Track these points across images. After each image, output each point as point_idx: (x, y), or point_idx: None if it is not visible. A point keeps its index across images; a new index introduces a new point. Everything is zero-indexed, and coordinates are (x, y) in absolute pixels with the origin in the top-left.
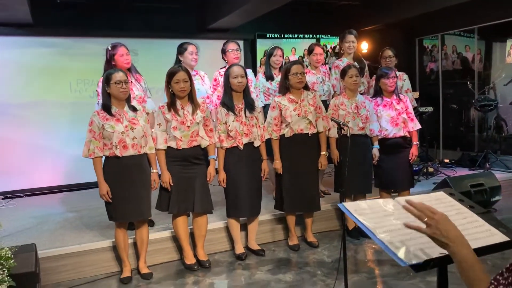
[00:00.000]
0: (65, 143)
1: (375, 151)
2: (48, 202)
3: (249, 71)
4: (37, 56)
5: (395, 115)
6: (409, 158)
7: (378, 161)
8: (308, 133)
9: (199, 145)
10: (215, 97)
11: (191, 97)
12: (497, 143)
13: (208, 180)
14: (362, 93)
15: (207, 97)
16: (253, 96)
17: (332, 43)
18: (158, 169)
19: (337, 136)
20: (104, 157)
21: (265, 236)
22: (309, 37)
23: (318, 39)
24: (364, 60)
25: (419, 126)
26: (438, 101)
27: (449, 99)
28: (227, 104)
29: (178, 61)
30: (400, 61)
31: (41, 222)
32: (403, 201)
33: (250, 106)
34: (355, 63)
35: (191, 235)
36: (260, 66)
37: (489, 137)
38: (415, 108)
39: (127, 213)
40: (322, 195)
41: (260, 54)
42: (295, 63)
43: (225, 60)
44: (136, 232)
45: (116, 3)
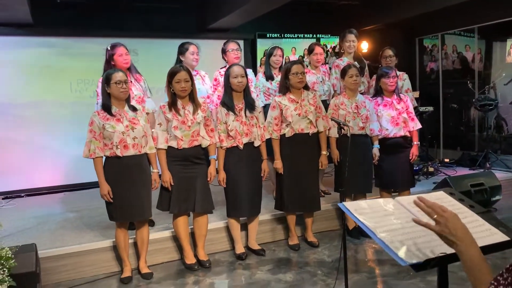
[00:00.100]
0: (65, 143)
1: (375, 150)
2: (48, 202)
3: (249, 71)
4: (37, 56)
5: (395, 115)
6: (410, 158)
7: (378, 161)
8: (308, 133)
9: (200, 145)
10: (216, 97)
11: (192, 96)
12: (497, 143)
13: (208, 180)
14: (362, 93)
15: (208, 97)
16: (253, 96)
17: (332, 42)
18: (158, 169)
19: (337, 135)
20: (104, 157)
21: (265, 235)
22: (309, 37)
23: (318, 38)
24: (364, 59)
25: (419, 125)
26: (438, 101)
27: (449, 99)
28: (227, 103)
29: (179, 61)
30: (400, 60)
31: (42, 222)
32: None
33: (250, 106)
34: (356, 62)
35: (192, 235)
36: (260, 66)
37: (489, 137)
38: (415, 107)
39: (128, 213)
40: (322, 194)
41: (260, 54)
42: (295, 62)
43: (225, 60)
44: (136, 232)
45: (116, 3)
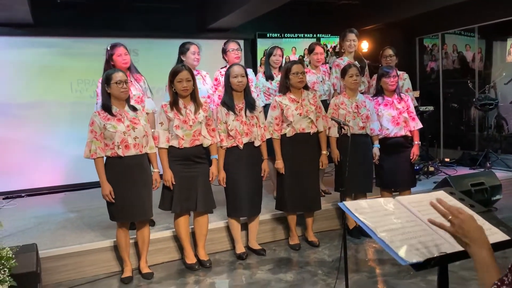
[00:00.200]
0: (66, 143)
1: (376, 150)
2: (49, 202)
3: (249, 71)
4: (37, 56)
5: (396, 114)
6: (411, 157)
7: (379, 161)
8: (309, 132)
9: (201, 144)
10: (216, 97)
11: (193, 96)
12: (498, 142)
13: (210, 179)
14: (362, 93)
15: (208, 97)
16: (253, 95)
17: (332, 42)
18: (159, 169)
19: (337, 135)
20: (105, 158)
21: (265, 235)
22: (309, 37)
23: (318, 38)
24: (364, 59)
25: (420, 125)
26: (438, 100)
27: (449, 98)
28: (227, 103)
29: (180, 61)
30: (400, 60)
31: (42, 222)
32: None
33: (250, 105)
34: (356, 62)
35: (192, 234)
36: (260, 65)
37: (490, 136)
38: (416, 107)
39: (129, 213)
40: (322, 194)
41: (260, 53)
42: (295, 62)
43: (225, 60)
44: (137, 232)
45: (116, 3)
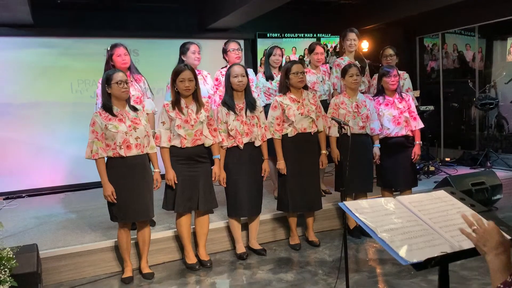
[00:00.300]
0: (66, 143)
1: (376, 150)
2: (49, 202)
3: (250, 71)
4: (37, 56)
5: (397, 114)
6: (412, 157)
7: (380, 161)
8: (310, 132)
9: (203, 144)
10: (217, 97)
11: (195, 96)
12: (498, 142)
13: (213, 179)
14: (363, 92)
15: (209, 97)
16: (254, 95)
17: (332, 42)
18: (160, 169)
19: (337, 135)
20: (106, 158)
21: (266, 235)
22: (310, 36)
23: (318, 38)
24: (365, 59)
25: (422, 125)
26: (439, 100)
27: (450, 98)
28: (228, 103)
29: (181, 61)
30: (400, 60)
31: (43, 222)
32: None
33: (251, 105)
34: (356, 62)
35: (193, 234)
36: (260, 65)
37: (490, 136)
38: (416, 107)
39: (132, 213)
40: (323, 194)
41: (260, 53)
42: (295, 62)
43: (226, 60)
44: (138, 232)
45: (116, 3)
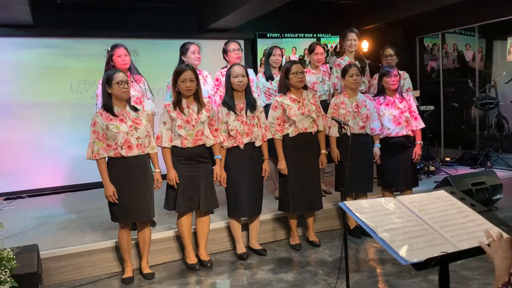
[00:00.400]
0: (67, 143)
1: (376, 150)
2: (50, 202)
3: (250, 71)
4: (37, 56)
5: (397, 114)
6: (413, 157)
7: (381, 160)
8: (311, 132)
9: (204, 144)
10: (218, 97)
11: (197, 96)
12: (498, 141)
13: (214, 180)
14: (363, 92)
15: (209, 97)
16: (255, 95)
17: (332, 42)
18: (160, 169)
19: (337, 135)
20: (107, 158)
21: (266, 235)
22: (310, 37)
23: (318, 38)
24: (365, 59)
25: (422, 125)
26: (439, 100)
27: (450, 98)
28: (228, 103)
29: (181, 62)
30: (401, 59)
31: (43, 223)
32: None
33: (251, 105)
34: (356, 62)
35: (194, 234)
36: (260, 65)
37: (490, 135)
38: (416, 106)
39: (133, 214)
40: (323, 194)
41: (260, 53)
42: (295, 62)
43: (226, 60)
44: (138, 232)
45: (116, 4)
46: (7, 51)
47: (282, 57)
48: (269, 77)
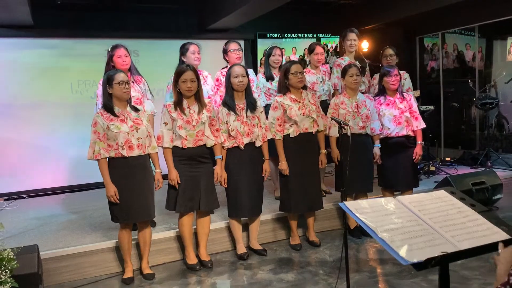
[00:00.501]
0: (67, 144)
1: (376, 150)
2: (50, 203)
3: (250, 71)
4: (37, 57)
5: (397, 114)
6: (413, 157)
7: (381, 160)
8: (312, 132)
9: (205, 145)
10: (218, 97)
11: (198, 96)
12: (499, 141)
13: (215, 180)
14: (363, 92)
15: (208, 97)
16: (255, 96)
17: (332, 42)
18: (161, 169)
19: (337, 135)
20: (108, 158)
21: (266, 235)
22: (310, 37)
23: (318, 38)
24: (365, 59)
25: (423, 125)
26: (439, 100)
27: (450, 98)
28: (228, 103)
29: (181, 63)
30: (400, 60)
31: (44, 223)
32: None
33: (251, 105)
34: (357, 62)
35: (194, 235)
36: (260, 66)
37: (491, 135)
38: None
39: (134, 214)
40: (323, 194)
41: (260, 54)
42: (294, 62)
43: (226, 60)
44: (138, 233)
45: (116, 4)
46: (7, 52)
47: (282, 57)
48: (269, 77)
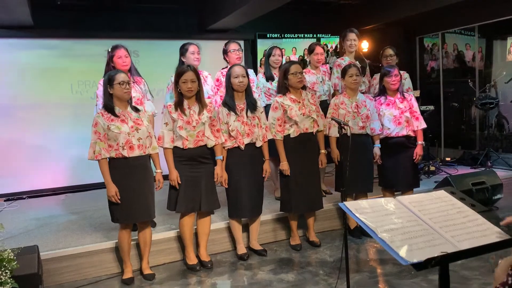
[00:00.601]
0: (66, 144)
1: (376, 150)
2: (50, 204)
3: (250, 71)
4: (38, 57)
5: (397, 114)
6: (414, 157)
7: (381, 161)
8: (312, 132)
9: (206, 145)
10: (218, 98)
11: (198, 97)
12: (499, 141)
13: (215, 180)
14: (363, 92)
15: (208, 97)
16: (255, 96)
17: (332, 42)
18: (162, 169)
19: (337, 135)
20: (108, 158)
21: (267, 236)
22: (310, 37)
23: (318, 38)
24: (365, 59)
25: (424, 125)
26: (439, 100)
27: (450, 98)
28: (229, 104)
29: (181, 63)
30: (400, 60)
31: (43, 224)
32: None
33: (252, 106)
34: (357, 62)
35: (194, 235)
36: (260, 66)
37: (491, 135)
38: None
39: (135, 214)
40: (323, 194)
41: (260, 54)
42: (293, 63)
43: (226, 60)
44: (139, 233)
45: (116, 4)
46: (7, 52)
47: (282, 57)
48: (269, 78)
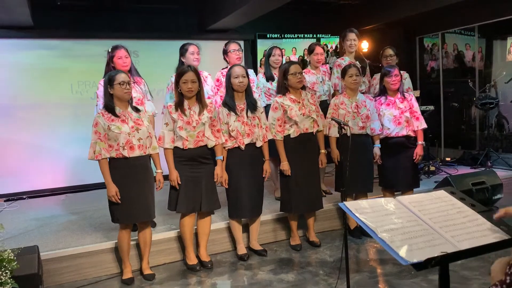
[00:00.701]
0: (67, 144)
1: (376, 150)
2: (50, 204)
3: (250, 71)
4: (37, 58)
5: (397, 114)
6: (414, 157)
7: (381, 161)
8: (312, 132)
9: (206, 145)
10: (219, 98)
11: (199, 97)
12: (499, 141)
13: (215, 180)
14: (363, 92)
15: (208, 97)
16: (255, 96)
17: (332, 42)
18: (162, 169)
19: (337, 135)
20: (108, 159)
21: (267, 236)
22: (309, 37)
23: (318, 38)
24: (365, 59)
25: (424, 125)
26: (439, 100)
27: (450, 98)
28: (229, 104)
29: (181, 63)
30: (400, 60)
31: (43, 224)
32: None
33: (252, 106)
34: (357, 62)
35: (195, 235)
36: (260, 66)
37: (491, 135)
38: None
39: (135, 214)
40: (323, 194)
41: (260, 54)
42: (293, 63)
43: (226, 61)
44: (139, 233)
45: (116, 5)
46: (7, 53)
47: (282, 58)
48: (269, 78)
